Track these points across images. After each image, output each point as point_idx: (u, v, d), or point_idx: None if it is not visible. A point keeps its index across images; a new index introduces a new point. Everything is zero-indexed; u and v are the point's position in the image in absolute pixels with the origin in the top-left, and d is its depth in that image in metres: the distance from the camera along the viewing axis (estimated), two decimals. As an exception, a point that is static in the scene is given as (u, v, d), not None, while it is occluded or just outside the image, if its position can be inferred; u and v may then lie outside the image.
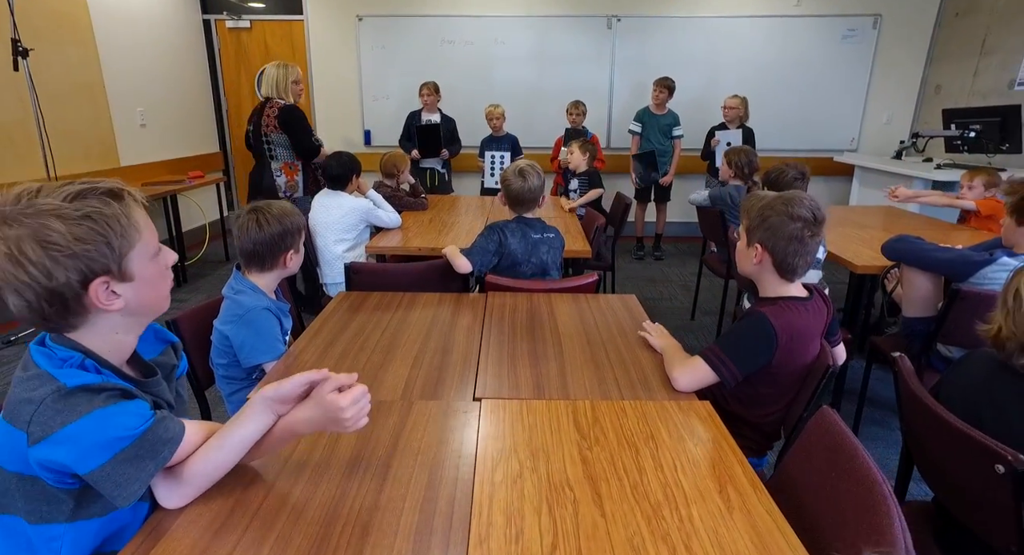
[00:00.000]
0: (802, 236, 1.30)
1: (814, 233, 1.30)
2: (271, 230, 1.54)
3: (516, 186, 2.04)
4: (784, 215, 1.31)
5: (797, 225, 1.30)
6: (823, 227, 1.32)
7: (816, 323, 1.39)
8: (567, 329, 1.70)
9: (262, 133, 3.41)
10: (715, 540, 0.87)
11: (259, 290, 1.54)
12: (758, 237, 1.35)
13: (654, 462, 1.07)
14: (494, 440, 1.13)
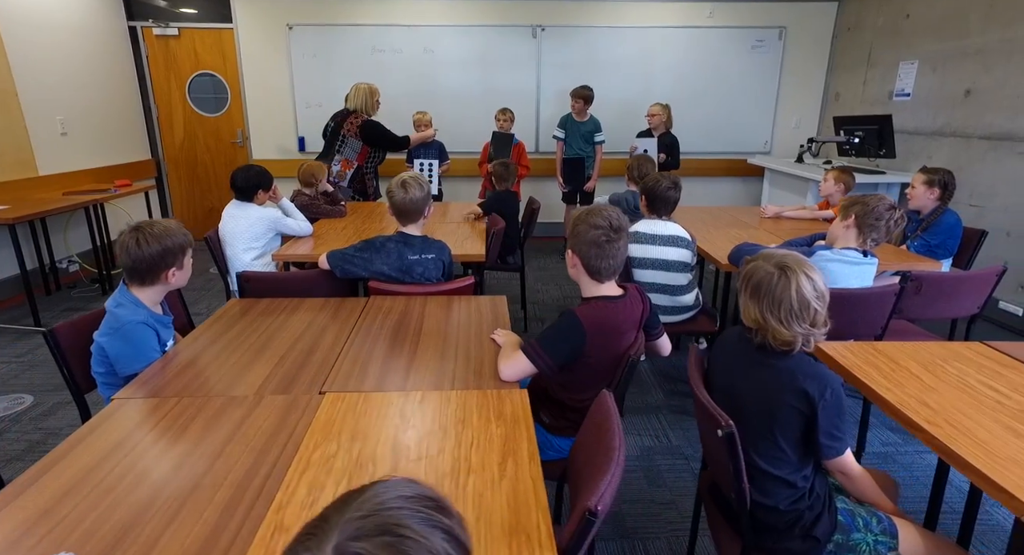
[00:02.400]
0: (601, 242, 1.51)
1: (611, 239, 1.51)
2: (149, 250, 1.63)
3: (398, 198, 2.18)
4: (587, 224, 1.52)
5: (597, 232, 1.51)
6: (623, 234, 1.53)
7: (628, 318, 1.60)
8: (429, 329, 1.88)
9: (340, 133, 4.22)
10: (477, 502, 1.07)
11: (140, 304, 1.66)
12: (571, 245, 1.56)
13: (455, 442, 1.26)
14: (324, 427, 1.30)
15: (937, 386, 1.51)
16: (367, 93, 4.28)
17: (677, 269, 2.57)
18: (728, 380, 1.36)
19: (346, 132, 4.24)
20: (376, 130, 4.31)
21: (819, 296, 1.23)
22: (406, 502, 0.52)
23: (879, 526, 1.27)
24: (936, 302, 2.33)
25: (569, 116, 5.18)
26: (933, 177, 2.99)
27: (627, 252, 1.58)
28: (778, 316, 1.23)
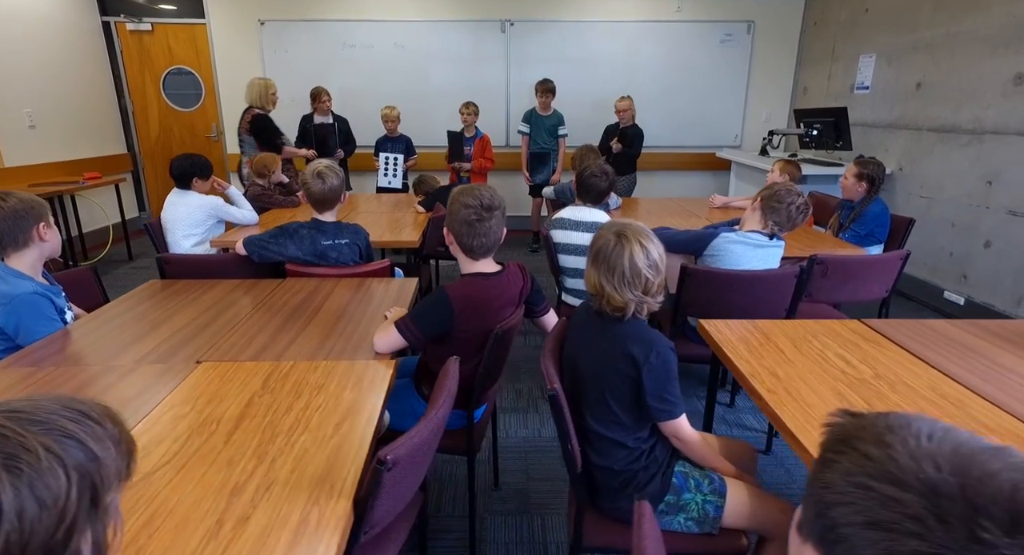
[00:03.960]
0: (472, 220, 1.56)
1: (482, 218, 1.56)
2: (7, 206, 1.64)
3: (317, 188, 2.23)
4: (459, 203, 1.58)
5: (468, 211, 1.56)
6: (493, 213, 1.58)
7: (503, 294, 1.66)
8: (330, 307, 1.95)
9: (239, 133, 4.20)
10: (300, 455, 1.13)
11: (23, 275, 1.72)
12: (446, 222, 1.62)
13: (304, 405, 1.32)
14: (190, 391, 1.37)
15: (795, 359, 1.57)
16: (261, 87, 4.21)
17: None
18: (572, 348, 1.42)
19: (241, 130, 4.21)
20: (259, 125, 4.18)
21: (651, 265, 1.28)
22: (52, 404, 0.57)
23: (709, 486, 1.33)
24: (843, 285, 2.38)
25: (533, 111, 5.23)
26: (863, 172, 3.03)
27: (502, 231, 1.63)
28: (612, 282, 1.28)
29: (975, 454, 0.49)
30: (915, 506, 0.47)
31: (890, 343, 1.68)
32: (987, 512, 0.45)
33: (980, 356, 1.59)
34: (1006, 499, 0.46)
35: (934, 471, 0.48)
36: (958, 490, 0.46)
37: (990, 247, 3.55)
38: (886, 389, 1.41)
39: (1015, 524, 0.45)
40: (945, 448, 0.50)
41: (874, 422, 0.55)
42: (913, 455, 0.49)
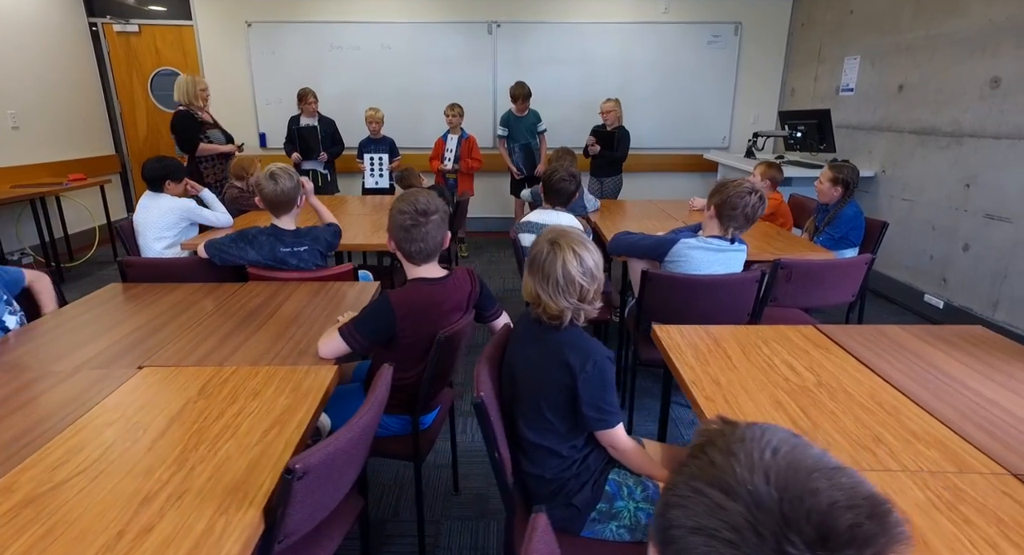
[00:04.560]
0: (407, 226, 1.56)
1: (417, 223, 1.56)
2: None
3: (269, 190, 2.21)
4: (396, 209, 1.58)
5: (403, 217, 1.56)
6: (429, 218, 1.58)
7: (448, 299, 1.66)
8: (285, 311, 1.94)
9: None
10: (221, 463, 1.12)
11: None
12: (387, 229, 1.62)
13: (237, 411, 1.31)
14: (124, 397, 1.36)
15: (741, 365, 1.56)
16: (187, 84, 4.08)
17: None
18: (511, 355, 1.41)
19: (171, 130, 4.15)
20: (177, 122, 4.07)
21: (585, 273, 1.27)
22: None
23: (643, 494, 1.32)
24: (808, 289, 2.36)
25: (510, 113, 5.21)
26: (837, 176, 3.03)
27: (441, 235, 1.63)
28: (547, 290, 1.28)
29: (809, 472, 0.49)
30: (737, 516, 0.47)
31: (839, 349, 1.67)
32: (797, 527, 0.45)
33: (926, 363, 1.58)
34: (819, 517, 0.46)
35: (763, 484, 0.48)
36: (777, 504, 0.47)
37: (968, 250, 3.53)
38: (825, 397, 1.40)
39: (822, 540, 0.45)
40: (782, 463, 0.50)
41: (734, 432, 0.55)
42: (751, 467, 0.50)
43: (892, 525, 0.48)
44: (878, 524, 0.47)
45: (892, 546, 0.47)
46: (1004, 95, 3.27)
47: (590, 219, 3.54)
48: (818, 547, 0.45)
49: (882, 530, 0.47)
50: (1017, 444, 1.20)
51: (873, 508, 0.48)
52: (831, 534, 0.45)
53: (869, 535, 0.46)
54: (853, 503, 0.47)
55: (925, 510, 1.01)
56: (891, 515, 0.48)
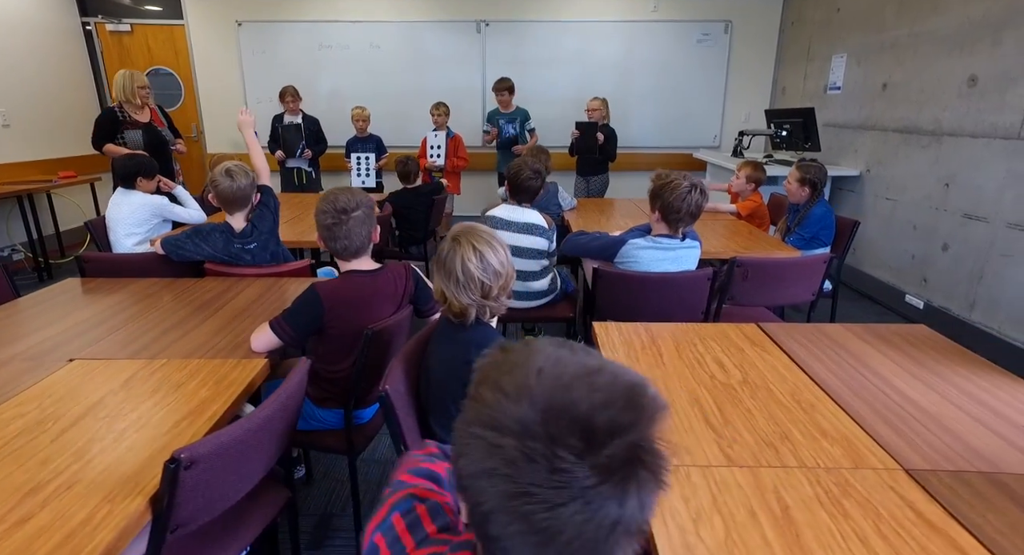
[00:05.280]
0: (328, 224, 1.59)
1: (339, 221, 1.58)
2: None
3: (224, 186, 2.20)
4: (318, 209, 1.61)
5: (324, 216, 1.59)
6: (351, 215, 1.59)
7: (380, 293, 1.67)
8: (234, 306, 1.96)
9: None
10: (122, 454, 1.14)
11: None
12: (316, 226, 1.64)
13: (153, 403, 1.33)
14: (44, 389, 1.38)
15: (670, 363, 1.56)
16: (123, 79, 3.89)
17: (530, 256, 2.61)
18: (428, 353, 1.42)
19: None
20: (97, 119, 3.96)
21: (486, 270, 1.27)
22: None
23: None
24: (765, 288, 2.35)
25: (496, 110, 5.20)
26: (804, 176, 3.00)
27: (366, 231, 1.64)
28: (449, 287, 1.28)
29: (569, 384, 0.50)
30: (510, 450, 0.48)
31: (776, 348, 1.66)
32: (563, 442, 0.46)
33: (858, 361, 1.56)
34: (579, 425, 0.47)
35: (528, 410, 0.48)
36: (542, 426, 0.47)
37: (947, 250, 3.49)
38: (746, 394, 1.39)
39: (587, 446, 0.46)
40: (545, 382, 0.50)
41: (505, 360, 0.55)
42: (518, 396, 0.50)
43: (647, 405, 0.49)
44: (633, 411, 0.48)
45: (650, 423, 0.49)
46: (981, 94, 3.23)
47: (564, 217, 3.54)
48: (585, 454, 0.46)
49: (638, 415, 0.48)
50: (920, 441, 1.18)
51: (629, 398, 0.49)
52: (593, 436, 0.47)
53: (627, 423, 0.48)
54: (610, 400, 0.48)
55: (808, 504, 1.00)
56: (645, 397, 0.50)
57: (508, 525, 0.48)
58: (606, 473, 0.46)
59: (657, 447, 0.49)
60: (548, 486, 0.46)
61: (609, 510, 0.46)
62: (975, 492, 1.03)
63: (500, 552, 0.50)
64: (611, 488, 0.46)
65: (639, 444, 0.48)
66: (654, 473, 0.48)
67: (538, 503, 0.46)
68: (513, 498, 0.47)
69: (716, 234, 3.10)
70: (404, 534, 0.65)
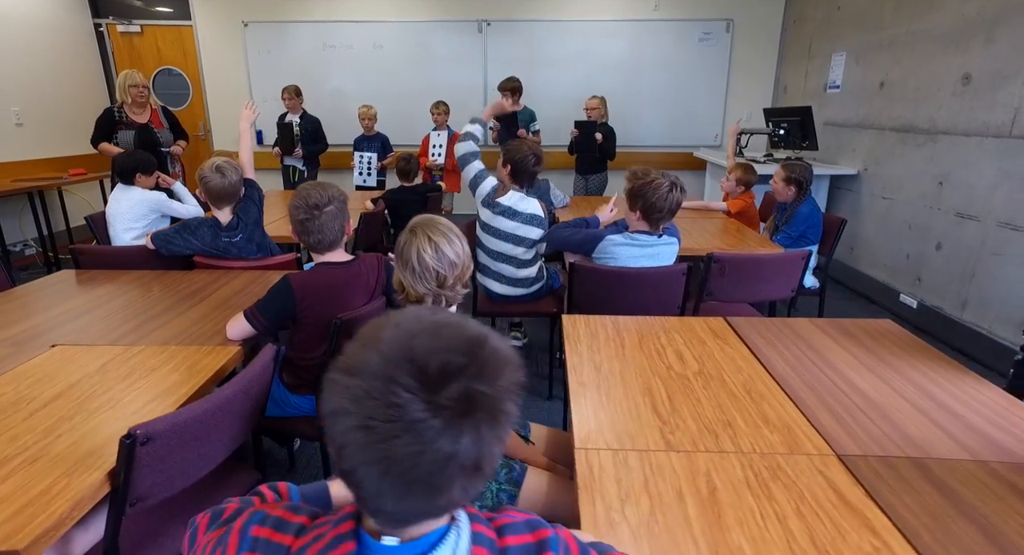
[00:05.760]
0: (301, 219, 1.65)
1: (312, 216, 1.64)
2: None
3: (216, 183, 2.28)
4: (292, 204, 1.67)
5: (297, 211, 1.65)
6: (323, 210, 1.64)
7: (351, 283, 1.72)
8: (218, 297, 2.02)
9: None
10: (92, 431, 1.20)
11: None
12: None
13: (125, 385, 1.39)
14: (23, 372, 1.45)
15: (632, 354, 1.59)
16: (120, 80, 4.04)
17: (525, 245, 2.65)
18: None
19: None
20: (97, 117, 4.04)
21: (440, 260, 1.31)
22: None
23: (507, 476, 1.36)
24: (743, 284, 2.37)
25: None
26: (790, 176, 3.02)
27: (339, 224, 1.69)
28: (407, 276, 1.33)
29: (415, 334, 0.56)
30: (356, 389, 0.54)
31: (738, 340, 1.69)
32: (399, 382, 0.53)
33: (816, 354, 1.58)
34: (415, 366, 0.53)
35: (375, 356, 0.55)
36: (383, 367, 0.54)
37: (941, 249, 3.47)
38: (699, 384, 1.42)
39: (420, 384, 0.53)
40: (399, 333, 0.57)
41: (379, 320, 0.61)
42: (370, 345, 0.56)
43: (481, 355, 0.56)
44: (466, 357, 0.55)
45: (485, 370, 0.55)
46: (974, 92, 3.22)
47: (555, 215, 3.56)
48: (419, 392, 0.53)
49: (470, 361, 0.55)
50: (859, 429, 1.21)
51: (468, 346, 0.56)
52: (426, 377, 0.53)
53: (458, 367, 0.54)
54: (448, 347, 0.55)
55: (736, 487, 1.03)
56: (482, 347, 0.56)
57: (354, 457, 0.54)
58: (436, 410, 0.52)
59: (494, 393, 0.55)
60: (384, 420, 0.52)
61: (441, 444, 0.52)
62: (898, 475, 1.05)
63: (356, 485, 0.56)
64: (442, 424, 0.52)
65: (472, 388, 0.54)
66: (490, 417, 0.54)
67: (376, 435, 0.52)
68: (357, 431, 0.53)
69: (705, 232, 3.12)
70: (274, 535, 0.65)
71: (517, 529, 0.67)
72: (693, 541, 0.91)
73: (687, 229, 3.16)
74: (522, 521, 0.69)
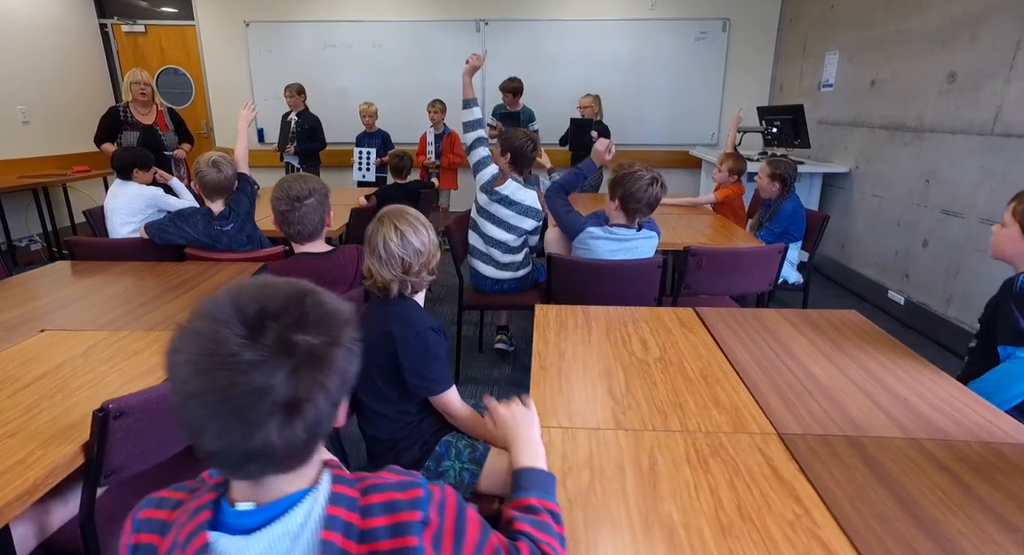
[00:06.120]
0: (283, 210, 1.71)
1: (292, 208, 1.71)
2: None
3: (212, 177, 2.38)
4: (273, 196, 1.74)
5: (279, 203, 1.71)
6: (304, 203, 1.71)
7: (330, 273, 1.78)
8: (206, 286, 2.09)
9: None
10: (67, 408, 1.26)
11: None
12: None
13: (109, 367, 1.45)
14: (11, 355, 1.52)
15: (597, 341, 1.64)
16: (125, 78, 4.03)
17: (517, 233, 2.72)
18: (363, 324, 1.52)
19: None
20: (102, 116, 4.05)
21: (405, 248, 1.37)
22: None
23: (470, 455, 1.41)
24: (721, 277, 2.41)
25: (502, 106, 5.30)
26: (775, 172, 3.05)
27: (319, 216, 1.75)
28: (374, 263, 1.38)
29: (254, 287, 0.65)
30: (189, 330, 0.61)
31: (703, 330, 1.73)
32: (223, 323, 0.59)
33: (777, 343, 1.63)
34: (239, 310, 0.60)
35: (211, 304, 0.62)
36: (212, 312, 0.61)
37: (927, 246, 3.50)
38: (657, 370, 1.47)
39: (243, 327, 0.59)
40: (237, 286, 0.65)
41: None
42: (213, 296, 0.64)
43: (306, 304, 0.63)
44: (287, 302, 0.62)
45: (308, 318, 0.62)
46: (959, 90, 3.24)
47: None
48: (237, 330, 0.59)
49: (291, 306, 0.62)
50: (804, 410, 1.26)
51: (290, 296, 0.63)
52: (245, 317, 0.60)
53: (277, 310, 0.61)
54: (272, 296, 0.62)
55: (676, 462, 1.08)
56: (307, 298, 0.64)
57: (180, 391, 0.59)
58: (251, 346, 0.58)
59: (314, 340, 0.61)
60: (205, 354, 0.58)
61: (253, 378, 0.57)
62: (832, 452, 1.10)
63: (187, 426, 0.61)
64: (256, 358, 0.58)
65: (290, 332, 0.60)
66: (310, 363, 0.60)
67: (196, 368, 0.58)
68: (184, 366, 0.59)
69: (691, 228, 3.17)
70: (155, 513, 0.69)
71: (384, 488, 0.69)
72: (626, 509, 0.96)
73: (673, 225, 3.22)
74: (395, 481, 0.70)
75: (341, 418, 0.71)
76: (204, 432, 0.60)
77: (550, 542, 0.80)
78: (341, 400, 0.68)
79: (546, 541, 0.80)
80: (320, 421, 0.63)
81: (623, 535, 0.91)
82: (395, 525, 0.65)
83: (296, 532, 0.62)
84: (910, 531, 0.89)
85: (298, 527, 0.63)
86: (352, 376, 0.69)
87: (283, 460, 0.63)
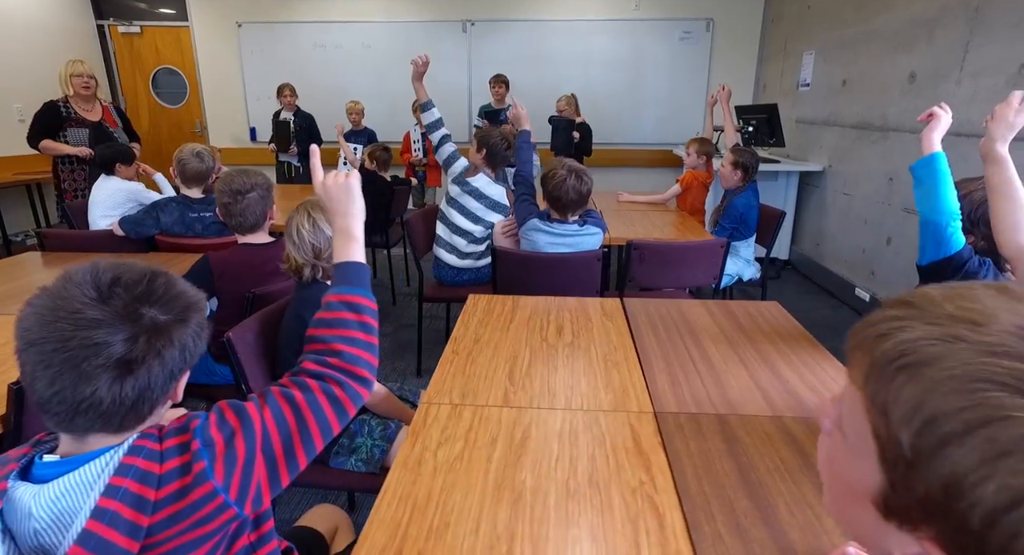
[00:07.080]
0: (225, 203, 1.83)
1: (235, 201, 1.83)
2: None
3: (194, 166, 2.52)
4: (216, 191, 1.82)
5: (222, 196, 1.81)
6: (246, 196, 1.81)
7: (270, 263, 1.86)
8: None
9: None
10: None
11: None
12: None
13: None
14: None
15: (516, 329, 1.71)
16: (62, 69, 3.80)
17: (484, 225, 2.81)
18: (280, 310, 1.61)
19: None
20: (37, 113, 3.78)
21: (316, 235, 1.46)
22: None
23: (382, 433, 1.49)
24: (664, 271, 2.47)
25: (489, 105, 5.38)
26: (738, 159, 3.11)
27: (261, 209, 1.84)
28: (289, 246, 1.48)
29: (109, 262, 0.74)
30: (45, 292, 0.71)
31: (623, 319, 1.80)
32: (76, 282, 0.70)
33: (687, 330, 1.69)
34: (95, 280, 0.70)
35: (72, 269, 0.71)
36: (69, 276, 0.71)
37: (891, 244, 3.54)
38: (563, 354, 1.54)
39: (94, 291, 0.69)
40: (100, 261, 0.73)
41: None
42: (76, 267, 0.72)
43: (157, 282, 0.73)
44: (139, 277, 0.72)
45: (156, 295, 0.72)
46: (918, 90, 3.28)
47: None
48: (87, 292, 0.68)
49: (141, 281, 0.72)
50: (687, 392, 1.32)
51: (143, 274, 0.73)
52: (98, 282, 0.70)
53: (128, 281, 0.70)
54: (128, 270, 0.72)
55: (547, 436, 1.15)
56: (159, 278, 0.74)
57: (22, 338, 0.67)
58: (96, 307, 0.66)
59: (159, 315, 0.70)
60: (51, 308, 0.67)
61: (93, 334, 0.65)
62: (697, 427, 1.17)
63: (24, 361, 0.68)
64: (99, 316, 0.66)
65: (137, 303, 0.69)
66: (151, 334, 0.69)
67: (41, 320, 0.67)
68: (30, 318, 0.68)
69: (649, 223, 3.23)
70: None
71: (175, 432, 0.74)
72: (484, 477, 1.03)
73: (636, 221, 3.28)
74: (182, 424, 0.75)
75: (178, 393, 0.79)
76: (39, 379, 0.66)
77: (331, 363, 0.93)
78: (179, 374, 0.75)
79: (324, 372, 0.92)
80: (151, 386, 0.70)
81: (474, 497, 0.98)
82: (184, 464, 0.71)
83: (91, 481, 0.67)
84: (736, 494, 0.96)
85: (94, 476, 0.67)
86: (194, 355, 0.76)
87: (110, 417, 0.69)
